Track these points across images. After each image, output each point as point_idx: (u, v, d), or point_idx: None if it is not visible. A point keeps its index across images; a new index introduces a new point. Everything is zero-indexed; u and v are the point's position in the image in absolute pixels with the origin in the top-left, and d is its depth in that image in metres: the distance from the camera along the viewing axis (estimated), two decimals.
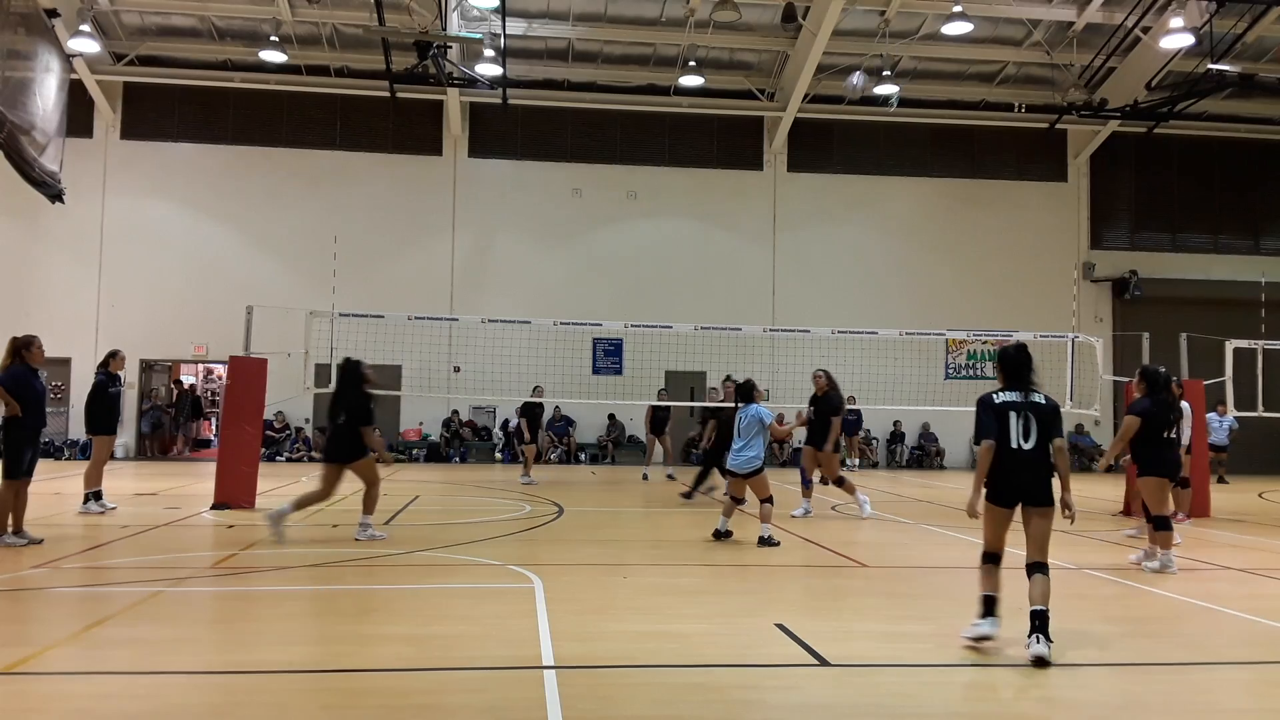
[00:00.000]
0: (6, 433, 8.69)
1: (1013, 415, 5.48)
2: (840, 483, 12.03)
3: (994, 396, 5.59)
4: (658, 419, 18.85)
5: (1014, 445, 5.45)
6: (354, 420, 9.16)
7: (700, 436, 18.89)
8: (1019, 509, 5.52)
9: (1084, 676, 5.06)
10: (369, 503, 9.36)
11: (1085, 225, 26.38)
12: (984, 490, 5.54)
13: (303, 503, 9.04)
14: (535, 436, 17.45)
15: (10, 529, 8.50)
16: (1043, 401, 5.55)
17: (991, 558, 5.61)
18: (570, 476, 18.96)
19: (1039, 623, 5.21)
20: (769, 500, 9.57)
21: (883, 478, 20.80)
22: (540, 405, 17.65)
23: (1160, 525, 8.31)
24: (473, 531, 10.10)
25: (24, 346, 8.67)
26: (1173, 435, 8.50)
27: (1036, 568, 5.43)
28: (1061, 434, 5.59)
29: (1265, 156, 26.60)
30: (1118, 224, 26.67)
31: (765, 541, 9.31)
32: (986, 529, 5.63)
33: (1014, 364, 5.64)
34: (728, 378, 14.96)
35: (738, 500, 9.93)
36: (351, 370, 9.43)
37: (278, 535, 8.71)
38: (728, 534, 9.71)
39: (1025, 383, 5.59)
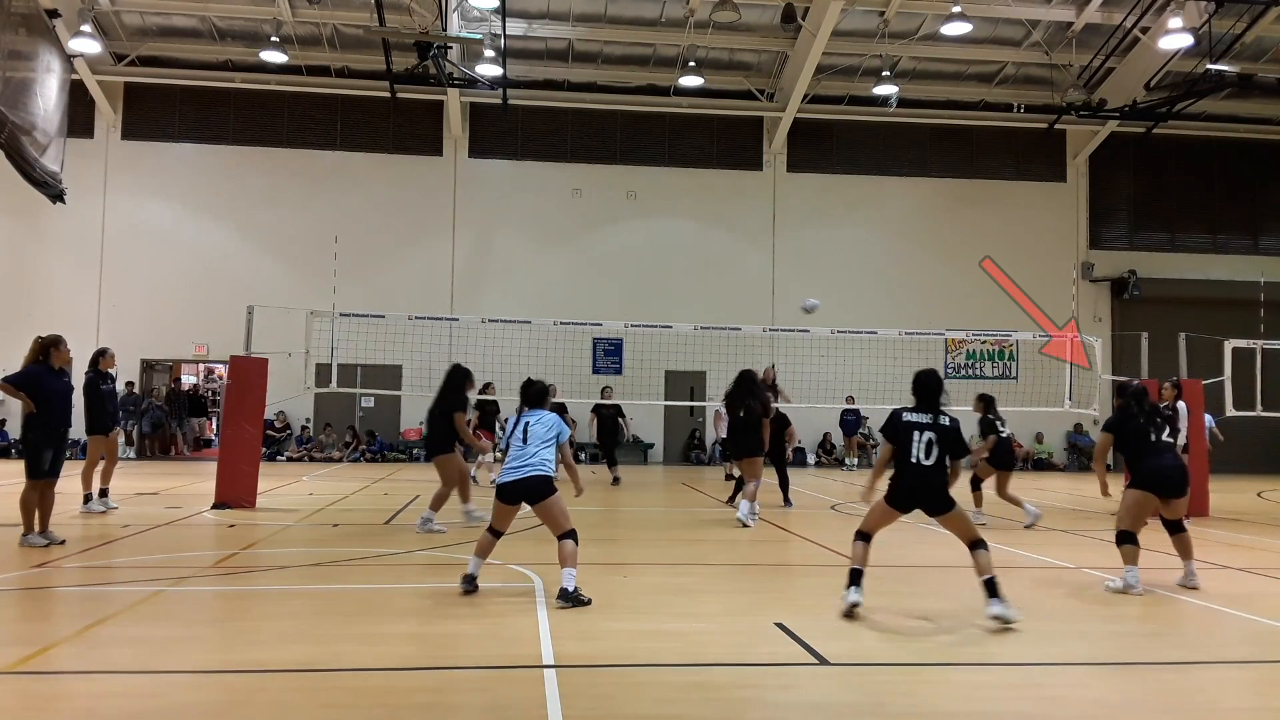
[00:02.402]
0: (25, 432, 8.82)
1: (917, 434, 6.10)
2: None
3: (902, 414, 6.26)
4: (606, 430, 17.72)
5: (914, 460, 6.09)
6: None
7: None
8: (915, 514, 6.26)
9: (1084, 676, 5.07)
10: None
11: (1084, 225, 26.39)
12: (885, 489, 6.30)
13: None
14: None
15: (36, 529, 8.52)
16: (946, 424, 6.13)
17: (864, 536, 6.26)
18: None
19: (991, 589, 5.89)
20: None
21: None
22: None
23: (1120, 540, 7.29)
24: (473, 531, 10.10)
25: (52, 345, 8.68)
26: (1158, 439, 7.27)
27: (974, 545, 6.05)
28: (966, 453, 6.20)
29: (1264, 156, 26.61)
30: (1116, 224, 26.68)
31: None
32: (872, 516, 6.31)
33: (924, 387, 6.26)
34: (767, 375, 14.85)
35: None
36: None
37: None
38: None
39: (933, 405, 6.19)
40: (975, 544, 6.07)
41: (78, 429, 10.21)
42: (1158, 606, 6.85)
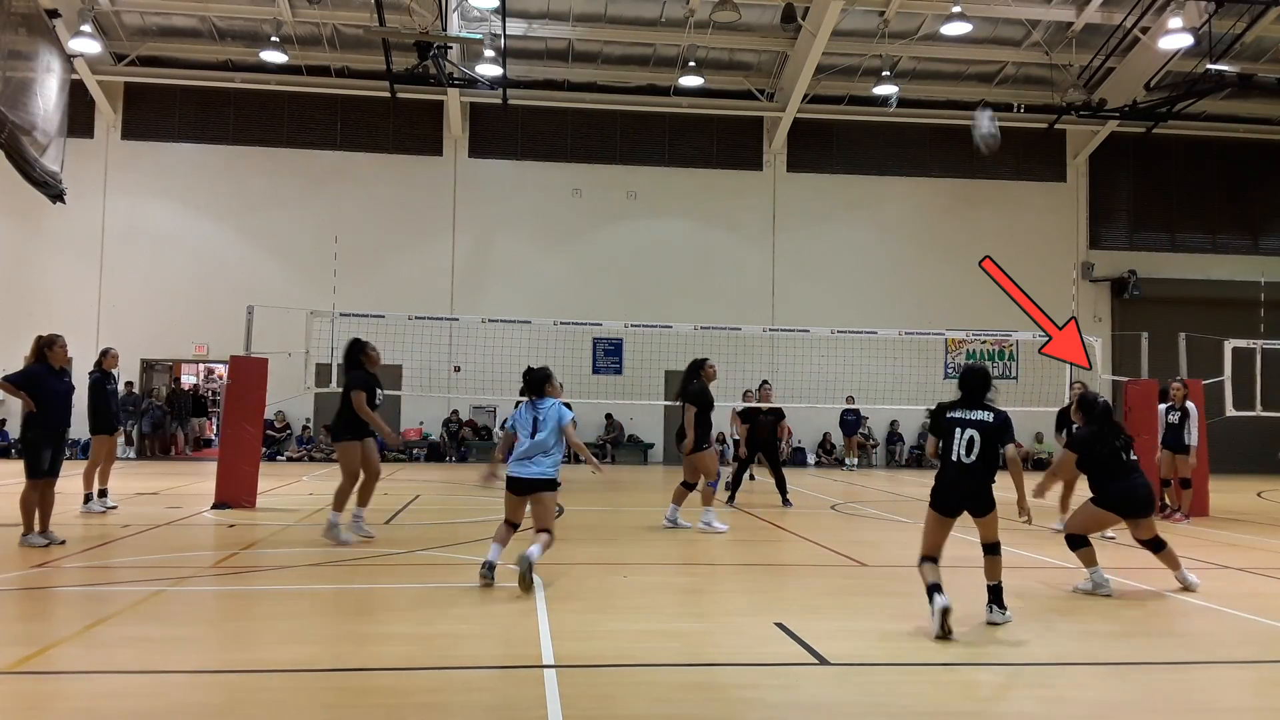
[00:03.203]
0: (24, 432, 8.82)
1: (959, 431, 5.88)
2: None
3: (946, 411, 6.04)
4: None
5: (955, 458, 5.86)
6: None
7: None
8: (961, 518, 6.00)
9: (1084, 676, 5.07)
10: None
11: (1084, 225, 26.40)
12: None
13: None
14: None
15: (36, 529, 8.51)
16: (989, 419, 5.87)
17: (929, 559, 5.89)
18: (570, 476, 18.93)
19: (994, 595, 5.91)
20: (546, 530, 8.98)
21: (882, 477, 20.81)
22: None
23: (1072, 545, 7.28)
24: (473, 531, 10.11)
25: (46, 345, 8.67)
26: (1127, 459, 7.19)
27: (991, 548, 5.98)
28: (1011, 441, 5.91)
29: (1264, 156, 26.61)
30: (1116, 224, 26.68)
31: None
32: (926, 534, 5.96)
33: (970, 383, 6.01)
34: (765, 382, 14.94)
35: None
36: None
37: None
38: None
39: (978, 402, 5.94)
40: (992, 547, 5.99)
41: (79, 428, 10.21)
42: (1158, 606, 6.85)
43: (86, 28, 20.13)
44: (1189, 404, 12.29)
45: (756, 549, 9.45)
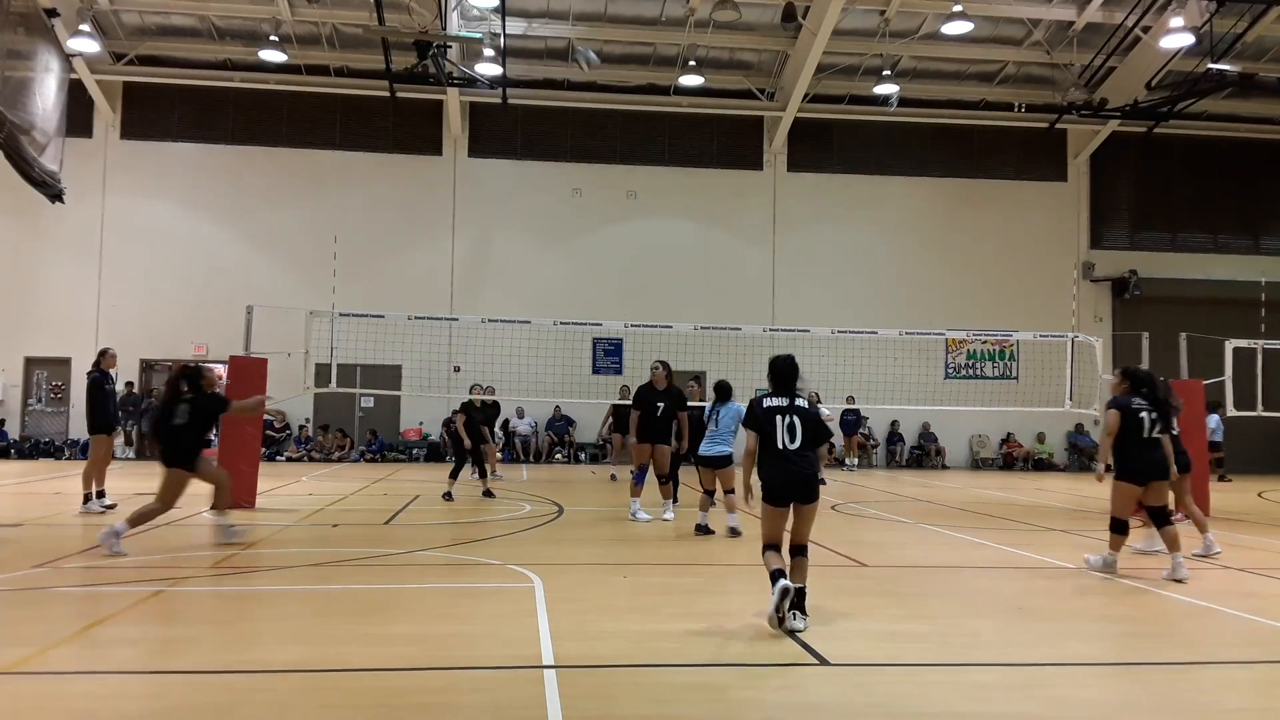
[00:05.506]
0: None
1: (779, 419, 5.98)
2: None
3: (762, 400, 6.12)
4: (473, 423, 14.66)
5: (780, 446, 5.94)
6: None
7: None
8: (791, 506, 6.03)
9: (1084, 676, 5.07)
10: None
11: (1085, 225, 26.39)
12: (756, 490, 6.12)
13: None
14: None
15: None
16: (806, 406, 6.10)
17: (772, 546, 6.03)
18: (570, 476, 18.95)
19: (798, 599, 5.70)
20: (732, 491, 10.16)
21: (882, 477, 20.80)
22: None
23: (1114, 528, 8.01)
24: (472, 531, 10.12)
25: None
26: (1155, 435, 7.87)
27: (798, 550, 5.99)
28: (829, 437, 6.36)
29: (1265, 156, 26.60)
30: (1117, 224, 26.68)
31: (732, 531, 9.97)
32: (764, 525, 6.05)
33: (782, 372, 6.23)
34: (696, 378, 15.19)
35: (709, 493, 10.42)
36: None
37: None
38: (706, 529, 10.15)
39: (791, 389, 6.14)
40: (802, 549, 6.02)
41: (79, 428, 10.19)
42: (1158, 606, 6.85)
43: (85, 27, 20.12)
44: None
45: (756, 549, 9.42)
